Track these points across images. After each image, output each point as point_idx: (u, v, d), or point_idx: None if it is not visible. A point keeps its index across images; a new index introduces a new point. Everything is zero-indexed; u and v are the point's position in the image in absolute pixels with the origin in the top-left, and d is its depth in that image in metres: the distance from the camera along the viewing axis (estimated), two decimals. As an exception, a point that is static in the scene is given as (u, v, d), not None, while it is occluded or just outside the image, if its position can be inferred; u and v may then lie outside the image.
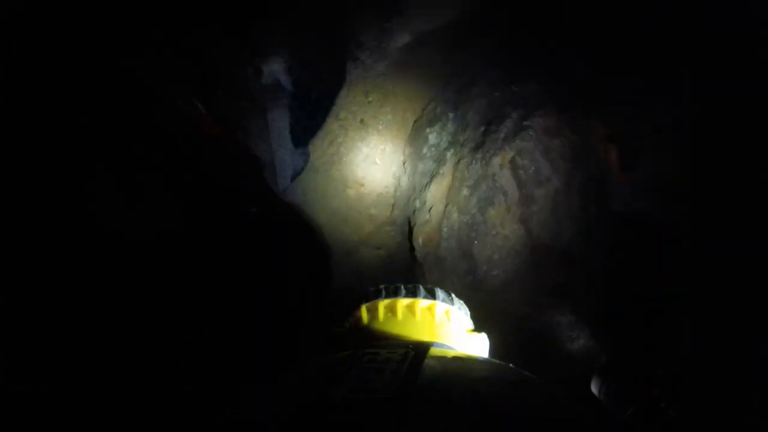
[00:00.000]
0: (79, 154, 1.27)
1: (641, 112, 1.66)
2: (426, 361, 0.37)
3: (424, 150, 2.16)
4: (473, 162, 1.96)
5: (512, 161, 1.92)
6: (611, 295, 1.79)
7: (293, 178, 2.05)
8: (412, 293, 0.56)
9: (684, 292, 1.59)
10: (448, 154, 2.06)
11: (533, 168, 1.91)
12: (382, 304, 0.56)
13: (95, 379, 1.32)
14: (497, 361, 0.43)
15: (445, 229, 2.00)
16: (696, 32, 1.47)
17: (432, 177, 2.08)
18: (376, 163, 2.25)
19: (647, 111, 1.64)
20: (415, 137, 2.22)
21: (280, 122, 1.89)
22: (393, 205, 2.29)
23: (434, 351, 0.42)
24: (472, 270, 1.98)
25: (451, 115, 2.11)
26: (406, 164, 2.25)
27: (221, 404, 0.39)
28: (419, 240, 2.05)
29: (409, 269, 2.13)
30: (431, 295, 0.57)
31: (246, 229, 1.70)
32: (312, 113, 2.05)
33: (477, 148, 1.97)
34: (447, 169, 2.04)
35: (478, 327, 0.59)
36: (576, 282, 1.86)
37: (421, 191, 2.11)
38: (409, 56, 2.04)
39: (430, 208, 2.04)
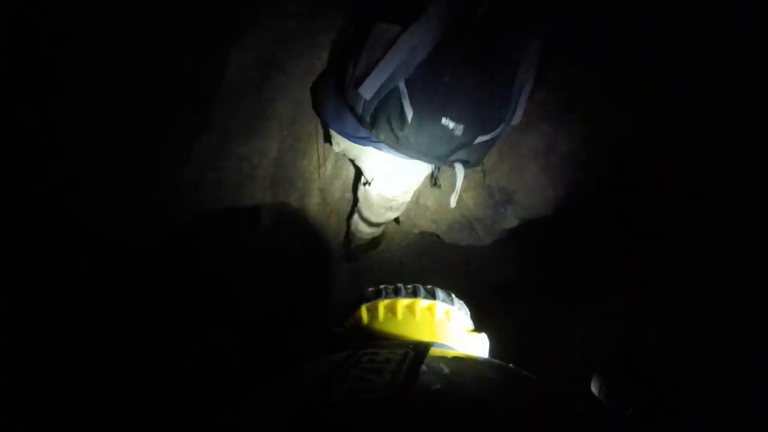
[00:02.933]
0: (78, 154, 1.27)
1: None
2: (426, 361, 0.37)
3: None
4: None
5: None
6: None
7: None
8: (413, 293, 0.57)
9: (684, 290, 1.60)
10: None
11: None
12: (382, 305, 0.56)
13: (95, 379, 1.33)
14: (497, 361, 0.43)
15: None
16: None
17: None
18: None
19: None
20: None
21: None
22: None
23: (434, 351, 0.42)
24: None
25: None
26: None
27: (221, 405, 0.39)
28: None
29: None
30: (431, 295, 0.57)
31: (244, 222, 1.70)
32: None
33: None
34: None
35: (478, 327, 0.59)
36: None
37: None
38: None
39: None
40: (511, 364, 0.42)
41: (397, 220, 2.00)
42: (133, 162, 1.37)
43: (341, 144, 1.47)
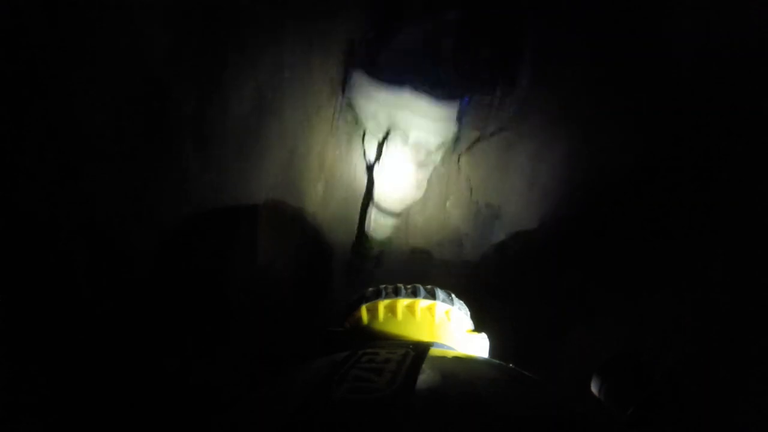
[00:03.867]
0: (79, 153, 1.27)
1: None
2: (426, 361, 0.37)
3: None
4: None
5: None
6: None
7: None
8: (412, 293, 0.57)
9: (683, 290, 1.60)
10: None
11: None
12: (382, 305, 0.56)
13: (95, 379, 1.33)
14: (497, 361, 0.43)
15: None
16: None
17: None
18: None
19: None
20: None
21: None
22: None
23: (434, 351, 0.42)
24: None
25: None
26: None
27: (221, 404, 0.39)
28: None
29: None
30: (431, 295, 0.57)
31: (245, 227, 1.70)
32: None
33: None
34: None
35: (478, 327, 0.59)
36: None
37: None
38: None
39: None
40: (510, 364, 0.42)
41: (389, 240, 2.08)
42: (133, 165, 1.38)
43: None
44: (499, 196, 1.90)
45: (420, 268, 2.21)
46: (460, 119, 1.73)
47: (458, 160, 1.86)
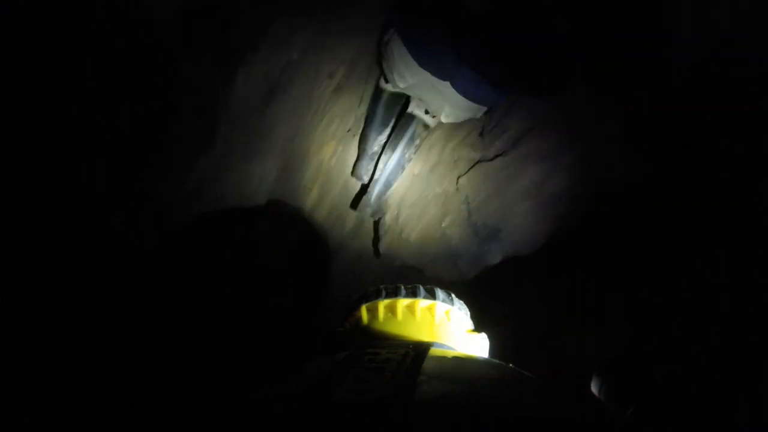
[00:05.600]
0: (78, 152, 1.27)
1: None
2: (426, 361, 0.37)
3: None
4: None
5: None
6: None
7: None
8: (412, 293, 0.56)
9: (683, 291, 1.60)
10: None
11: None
12: (382, 304, 0.56)
13: (96, 380, 1.33)
14: (497, 361, 0.43)
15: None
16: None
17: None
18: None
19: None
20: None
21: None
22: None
23: (434, 351, 0.42)
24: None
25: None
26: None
27: (221, 404, 0.39)
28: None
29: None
30: (431, 295, 0.57)
31: (245, 227, 1.70)
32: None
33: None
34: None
35: (478, 327, 0.59)
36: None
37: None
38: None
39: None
40: (510, 364, 0.42)
41: (377, 253, 2.04)
42: (133, 166, 1.38)
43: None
44: (499, 218, 1.88)
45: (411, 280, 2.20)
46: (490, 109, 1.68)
47: (456, 182, 1.84)
